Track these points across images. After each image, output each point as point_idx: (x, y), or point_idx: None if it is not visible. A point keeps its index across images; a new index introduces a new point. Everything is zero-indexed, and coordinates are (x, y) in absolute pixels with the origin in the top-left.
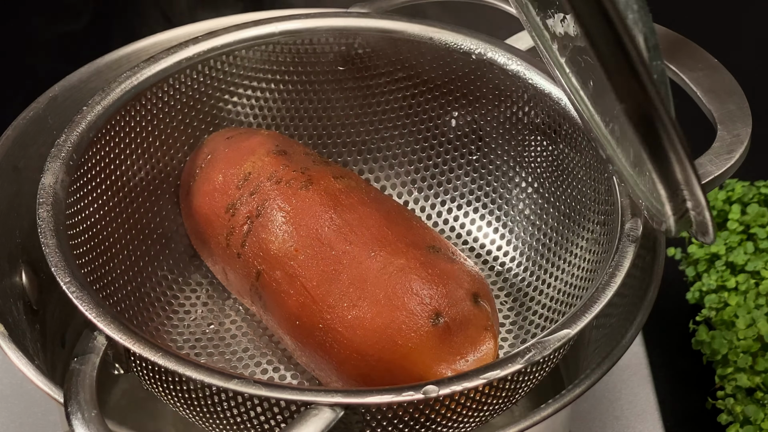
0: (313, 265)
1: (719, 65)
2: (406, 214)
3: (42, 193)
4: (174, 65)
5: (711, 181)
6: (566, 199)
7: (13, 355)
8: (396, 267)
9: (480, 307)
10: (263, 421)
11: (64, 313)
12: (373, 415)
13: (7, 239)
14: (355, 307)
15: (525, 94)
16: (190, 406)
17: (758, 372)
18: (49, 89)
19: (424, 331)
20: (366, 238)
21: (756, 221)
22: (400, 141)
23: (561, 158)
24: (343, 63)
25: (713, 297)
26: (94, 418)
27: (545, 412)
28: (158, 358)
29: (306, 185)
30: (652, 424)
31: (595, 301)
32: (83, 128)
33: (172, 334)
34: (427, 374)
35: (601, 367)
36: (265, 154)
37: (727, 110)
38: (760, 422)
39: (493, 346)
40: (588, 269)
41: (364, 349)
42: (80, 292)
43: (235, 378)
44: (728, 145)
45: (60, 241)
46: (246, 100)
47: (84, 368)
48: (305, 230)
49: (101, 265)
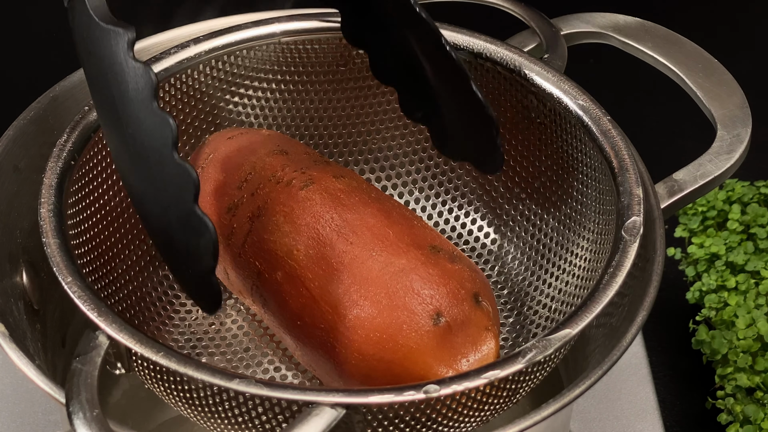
0: (314, 264)
1: (719, 65)
2: (407, 214)
3: (43, 193)
4: (175, 65)
5: (711, 181)
6: (567, 198)
7: (13, 354)
8: (397, 267)
9: (481, 307)
10: (265, 420)
11: (65, 312)
12: (375, 414)
13: (7, 239)
14: (356, 306)
15: (525, 94)
16: (191, 406)
17: (758, 372)
18: (50, 89)
19: (425, 331)
20: (367, 237)
21: (756, 221)
22: (401, 141)
23: (561, 158)
24: (343, 63)
25: (713, 297)
26: (95, 417)
27: (545, 412)
28: (160, 358)
29: (307, 185)
30: (652, 424)
31: (597, 301)
32: (84, 128)
33: (174, 334)
34: (428, 374)
35: (601, 367)
36: (266, 154)
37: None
38: (760, 422)
39: (494, 346)
40: (589, 269)
41: (365, 349)
42: (82, 292)
43: (237, 378)
44: (728, 145)
45: (61, 242)
46: (247, 100)
47: (85, 368)
48: (306, 230)
49: (102, 265)
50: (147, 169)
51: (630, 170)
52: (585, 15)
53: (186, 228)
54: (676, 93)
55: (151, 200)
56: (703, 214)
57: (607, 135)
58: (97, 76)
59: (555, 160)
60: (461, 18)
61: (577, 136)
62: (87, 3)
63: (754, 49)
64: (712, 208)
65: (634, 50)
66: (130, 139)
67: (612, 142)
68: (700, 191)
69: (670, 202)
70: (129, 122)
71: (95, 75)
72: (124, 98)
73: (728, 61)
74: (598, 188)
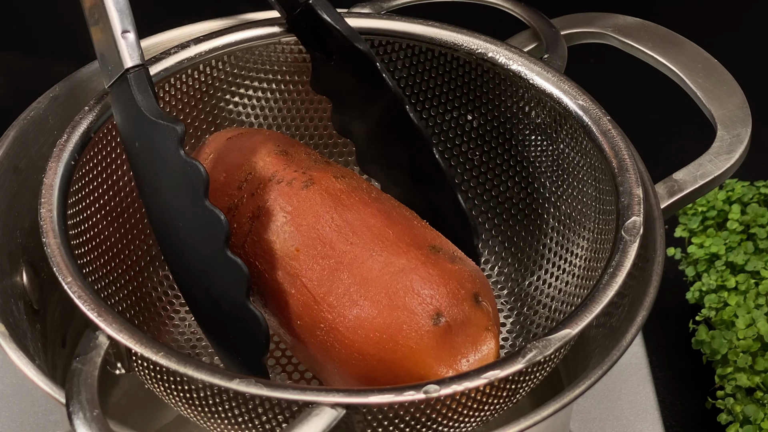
0: (315, 264)
1: (719, 65)
2: (407, 214)
3: (43, 193)
4: (175, 65)
5: (711, 181)
6: (567, 198)
7: (13, 354)
8: (397, 267)
9: (481, 307)
10: (265, 420)
11: (65, 312)
12: (375, 414)
13: (7, 239)
14: (357, 306)
15: (525, 95)
16: (191, 406)
17: (758, 372)
18: (50, 89)
19: (425, 331)
20: (367, 237)
21: (756, 221)
22: None
23: (561, 158)
24: None
25: (713, 297)
26: (95, 417)
27: (545, 412)
28: (160, 358)
29: (307, 185)
30: (652, 424)
31: (597, 301)
32: (84, 128)
33: (174, 334)
34: (428, 374)
35: (601, 367)
36: (266, 154)
37: (727, 110)
38: (759, 422)
39: (494, 346)
40: (589, 268)
41: (365, 349)
42: (82, 292)
43: (237, 378)
44: (728, 145)
45: (61, 242)
46: (247, 100)
47: (86, 368)
48: (306, 230)
49: (102, 265)
50: (198, 261)
51: (630, 170)
52: (585, 15)
53: (238, 320)
54: (676, 93)
55: (201, 291)
56: (703, 214)
57: (607, 135)
58: (146, 167)
59: (555, 160)
60: (461, 18)
61: (577, 136)
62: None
63: (754, 49)
64: (712, 208)
65: (634, 50)
66: (182, 232)
67: (612, 142)
68: (700, 191)
69: (670, 202)
70: (180, 216)
71: (143, 166)
72: (174, 192)
73: (728, 61)
74: (598, 188)
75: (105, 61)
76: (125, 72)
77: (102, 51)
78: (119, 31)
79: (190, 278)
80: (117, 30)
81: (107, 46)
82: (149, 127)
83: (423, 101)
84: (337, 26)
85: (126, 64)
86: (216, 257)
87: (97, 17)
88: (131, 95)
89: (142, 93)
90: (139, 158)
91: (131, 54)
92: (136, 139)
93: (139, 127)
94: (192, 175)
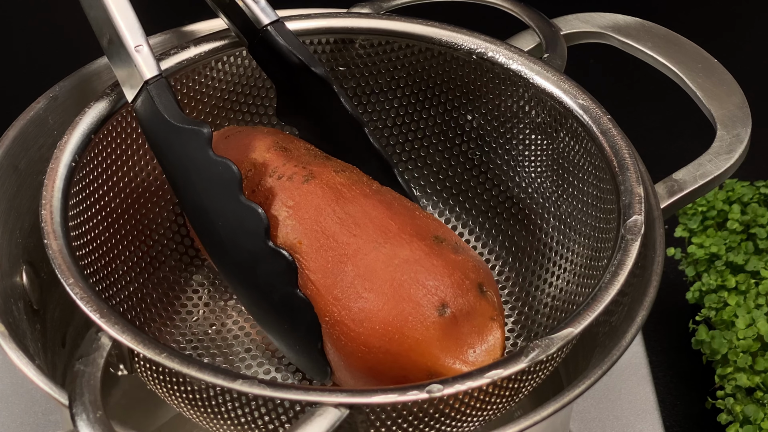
0: (318, 257)
1: (719, 65)
2: (409, 205)
3: (44, 194)
4: (175, 65)
5: (711, 181)
6: (567, 197)
7: (13, 354)
8: (401, 258)
9: (486, 297)
10: (268, 421)
11: (65, 313)
12: (378, 414)
13: (7, 239)
14: (361, 299)
15: (525, 94)
16: (194, 407)
17: (758, 372)
18: (50, 89)
19: (431, 322)
20: (370, 229)
21: (756, 221)
22: (401, 141)
23: (562, 157)
24: (343, 63)
25: (713, 297)
26: (99, 419)
27: (545, 412)
28: (163, 359)
29: (308, 179)
30: (652, 424)
31: (599, 300)
32: (84, 129)
33: (175, 335)
34: (434, 365)
35: (601, 367)
36: (265, 151)
37: (726, 110)
38: (759, 422)
39: (500, 336)
40: (590, 268)
41: (371, 342)
42: (84, 293)
43: (240, 378)
44: (728, 145)
45: (63, 243)
46: (247, 100)
47: (88, 369)
48: (309, 224)
49: (103, 266)
50: (242, 256)
51: (630, 169)
52: (585, 15)
53: (287, 308)
54: (676, 93)
55: (250, 284)
56: (703, 214)
57: (607, 134)
58: (178, 172)
59: (555, 160)
60: (461, 18)
61: (577, 135)
62: (158, 107)
63: (754, 50)
64: (712, 208)
65: (634, 50)
66: (223, 231)
67: (612, 141)
68: (700, 191)
69: (670, 202)
70: (219, 215)
71: (176, 173)
72: (210, 192)
73: (728, 61)
74: (598, 187)
75: (123, 78)
76: (144, 84)
77: (119, 69)
78: (132, 47)
79: (238, 275)
80: (130, 47)
81: (123, 64)
82: (176, 134)
83: (423, 101)
84: (295, 52)
85: (144, 77)
86: (259, 249)
87: (110, 37)
88: (154, 106)
89: (164, 101)
90: (172, 166)
91: (148, 66)
92: (166, 147)
93: (166, 135)
94: (225, 174)
